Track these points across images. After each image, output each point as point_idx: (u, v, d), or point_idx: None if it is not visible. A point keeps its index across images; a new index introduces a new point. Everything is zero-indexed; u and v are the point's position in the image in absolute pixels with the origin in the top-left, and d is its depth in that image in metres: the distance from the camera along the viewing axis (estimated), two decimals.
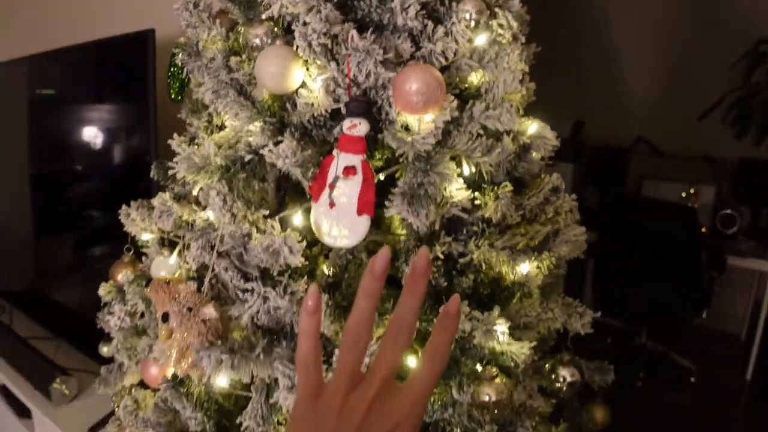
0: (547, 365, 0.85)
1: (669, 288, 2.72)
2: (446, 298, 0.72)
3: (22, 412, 2.08)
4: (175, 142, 0.84)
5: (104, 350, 1.04)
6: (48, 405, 1.83)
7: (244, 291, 0.62)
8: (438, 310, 0.72)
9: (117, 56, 1.69)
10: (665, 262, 2.68)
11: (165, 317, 0.61)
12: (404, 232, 0.72)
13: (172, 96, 0.88)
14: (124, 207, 0.93)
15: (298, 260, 0.60)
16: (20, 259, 2.37)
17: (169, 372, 0.79)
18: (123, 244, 1.02)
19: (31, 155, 2.17)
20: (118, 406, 1.03)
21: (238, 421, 0.67)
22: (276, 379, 0.63)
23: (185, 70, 0.84)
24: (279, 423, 0.64)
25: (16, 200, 2.27)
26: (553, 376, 0.83)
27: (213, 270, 0.64)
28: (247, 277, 0.64)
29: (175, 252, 0.78)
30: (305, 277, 0.64)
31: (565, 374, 0.82)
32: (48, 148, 2.17)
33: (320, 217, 0.62)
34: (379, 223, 0.75)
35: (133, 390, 0.91)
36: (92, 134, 2.00)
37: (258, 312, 0.61)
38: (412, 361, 0.70)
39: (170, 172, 0.71)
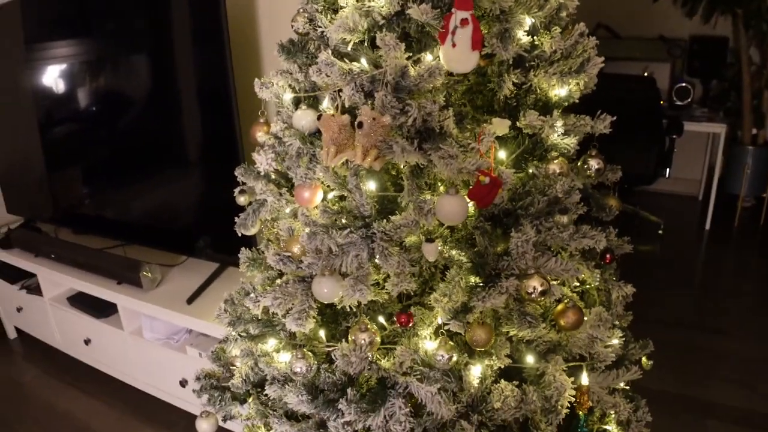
0: (580, 162, 1.23)
1: (636, 151, 3.16)
2: (520, 112, 1.08)
3: (100, 312, 2.42)
4: (298, 24, 1.16)
5: (241, 200, 1.37)
6: (138, 292, 2.17)
7: (402, 109, 0.96)
8: (514, 123, 1.07)
9: None
10: (631, 129, 3.10)
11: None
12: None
13: None
14: (256, 80, 1.25)
15: (441, 78, 0.95)
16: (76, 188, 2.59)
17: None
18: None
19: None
20: (267, 238, 1.38)
21: (399, 200, 1.04)
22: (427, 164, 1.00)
23: None
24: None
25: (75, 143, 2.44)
26: (585, 167, 1.21)
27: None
28: (400, 100, 0.98)
29: (326, 99, 1.11)
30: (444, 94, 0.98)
31: (593, 163, 1.21)
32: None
33: (447, 54, 0.96)
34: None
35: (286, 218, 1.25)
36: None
37: (415, 120, 0.95)
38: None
39: (330, 34, 1.03)
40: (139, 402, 2.37)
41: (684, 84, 3.71)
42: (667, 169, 3.39)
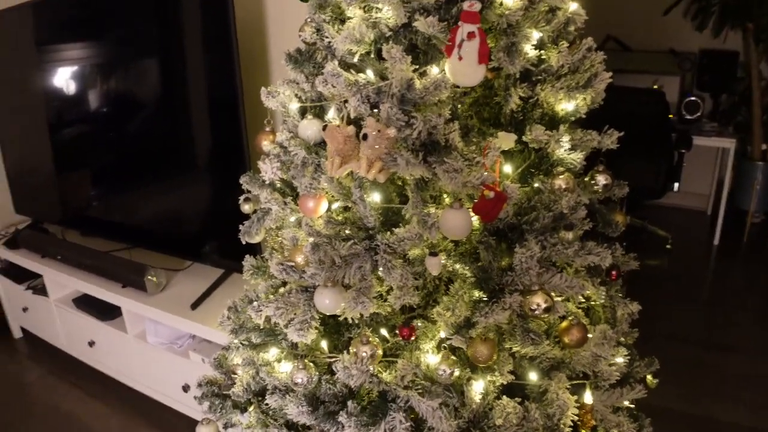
0: (587, 177, 1.22)
1: (645, 165, 3.14)
2: (527, 126, 1.07)
3: (105, 314, 2.43)
4: (305, 34, 1.16)
5: (246, 208, 1.37)
6: (143, 296, 2.17)
7: (407, 121, 0.96)
8: (520, 138, 1.06)
9: None
10: (640, 142, 3.08)
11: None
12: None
13: None
14: (263, 88, 1.25)
15: (447, 92, 0.94)
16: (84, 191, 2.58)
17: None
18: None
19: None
20: (271, 246, 1.38)
21: (403, 213, 1.03)
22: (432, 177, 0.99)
23: None
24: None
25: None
26: (593, 182, 1.20)
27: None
28: (405, 113, 0.97)
29: (332, 110, 1.11)
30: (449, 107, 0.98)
31: (601, 179, 1.20)
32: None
33: (453, 67, 0.96)
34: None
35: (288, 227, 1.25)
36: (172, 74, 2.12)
37: (420, 133, 0.95)
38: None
39: (337, 45, 1.03)
40: (141, 405, 2.37)
41: (693, 98, 3.68)
42: (676, 184, 3.36)
